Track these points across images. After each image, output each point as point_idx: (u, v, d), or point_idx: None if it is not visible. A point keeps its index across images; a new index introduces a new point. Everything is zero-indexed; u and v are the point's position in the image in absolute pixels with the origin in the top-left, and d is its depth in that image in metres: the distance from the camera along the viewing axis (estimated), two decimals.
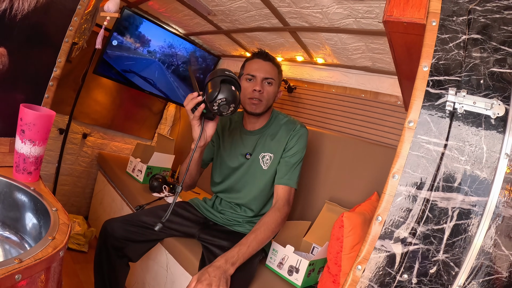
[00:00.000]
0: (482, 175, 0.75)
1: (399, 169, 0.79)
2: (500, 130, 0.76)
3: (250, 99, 1.85)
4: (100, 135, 3.37)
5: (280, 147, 1.89)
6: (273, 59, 1.89)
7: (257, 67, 1.85)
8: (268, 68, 1.85)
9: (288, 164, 1.84)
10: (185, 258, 1.80)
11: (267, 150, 1.91)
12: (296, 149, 1.86)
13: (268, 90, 1.85)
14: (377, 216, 0.79)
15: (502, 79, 0.78)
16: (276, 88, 1.90)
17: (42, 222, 1.09)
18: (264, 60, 1.86)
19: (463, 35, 0.83)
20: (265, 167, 1.90)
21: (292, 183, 1.81)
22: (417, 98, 0.81)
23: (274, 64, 1.88)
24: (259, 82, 1.83)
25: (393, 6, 0.91)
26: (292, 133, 1.89)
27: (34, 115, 1.17)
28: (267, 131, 1.95)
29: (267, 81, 1.85)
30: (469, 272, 0.74)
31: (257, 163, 1.91)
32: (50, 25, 1.37)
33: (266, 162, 1.90)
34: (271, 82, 1.85)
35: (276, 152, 1.89)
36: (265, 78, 1.84)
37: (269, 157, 1.89)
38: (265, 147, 1.92)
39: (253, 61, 1.89)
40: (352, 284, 0.80)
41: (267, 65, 1.86)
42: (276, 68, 1.89)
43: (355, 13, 1.74)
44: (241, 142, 1.97)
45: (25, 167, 1.23)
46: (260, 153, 1.91)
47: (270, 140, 1.92)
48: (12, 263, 0.76)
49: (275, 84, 1.87)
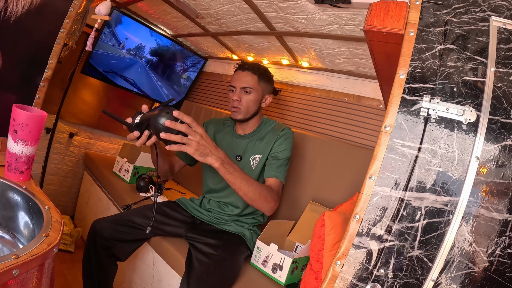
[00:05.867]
0: (453, 176, 0.80)
1: (376, 171, 0.83)
2: (471, 135, 0.81)
3: (232, 107, 2.02)
4: (86, 134, 3.36)
5: (267, 147, 2.00)
6: (253, 68, 2.02)
7: (236, 78, 2.02)
8: (245, 78, 1.99)
9: (276, 159, 1.94)
10: (171, 257, 1.83)
11: (256, 152, 2.02)
12: (284, 147, 1.97)
13: (246, 98, 1.99)
14: (355, 214, 0.83)
15: (474, 87, 0.84)
16: (257, 95, 2.01)
17: (35, 220, 1.11)
18: (242, 71, 2.02)
19: (439, 45, 0.88)
20: (254, 167, 2.00)
21: (281, 177, 1.90)
22: (393, 104, 0.85)
23: (254, 73, 2.00)
24: (237, 92, 2.00)
25: (373, 16, 0.95)
26: (280, 133, 2.01)
27: (27, 116, 1.19)
28: (257, 135, 2.08)
29: (245, 90, 1.99)
30: (442, 267, 0.79)
31: (247, 165, 2.01)
32: (43, 27, 1.38)
33: (255, 163, 2.00)
34: (249, 91, 1.99)
35: (263, 152, 2.00)
36: (242, 88, 1.99)
37: (258, 158, 2.00)
38: (254, 149, 2.03)
39: (235, 73, 2.06)
40: (332, 279, 0.84)
41: (244, 76, 2.00)
42: (256, 76, 2.01)
43: (339, 20, 1.79)
44: (233, 145, 2.09)
45: (17, 166, 1.24)
46: (251, 156, 2.02)
47: (259, 142, 2.04)
48: (10, 258, 0.78)
49: (254, 92, 2.00)
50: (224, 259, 1.67)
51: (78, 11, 1.47)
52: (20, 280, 0.81)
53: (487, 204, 0.79)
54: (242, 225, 2.04)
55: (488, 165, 0.80)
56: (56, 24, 1.42)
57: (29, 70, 1.41)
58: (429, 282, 0.79)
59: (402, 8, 0.93)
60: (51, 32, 1.41)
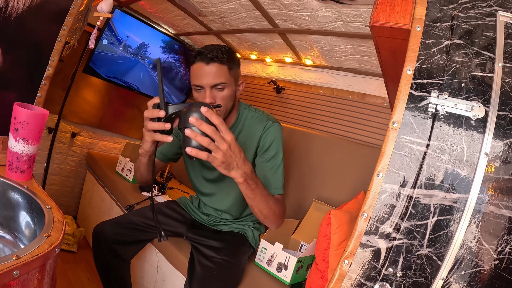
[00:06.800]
0: (462, 173, 0.79)
1: (384, 168, 0.82)
2: (480, 131, 0.79)
3: None
4: (89, 134, 3.36)
5: (251, 146, 1.72)
6: (220, 57, 1.55)
7: (201, 75, 1.56)
8: (214, 72, 1.55)
9: (267, 170, 1.68)
10: (175, 257, 1.83)
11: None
12: (273, 151, 1.70)
13: (221, 96, 1.58)
14: (363, 212, 0.82)
15: (482, 82, 0.82)
16: (232, 87, 1.62)
17: (36, 220, 1.09)
18: (207, 64, 1.54)
19: (446, 40, 0.86)
20: None
21: (278, 190, 1.65)
22: (401, 100, 0.84)
23: (222, 63, 1.56)
24: (208, 93, 1.55)
25: (379, 11, 0.94)
26: (264, 132, 1.72)
27: (27, 114, 1.17)
28: (236, 130, 1.77)
29: (217, 87, 1.57)
30: (451, 265, 0.78)
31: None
32: (44, 24, 1.37)
33: None
34: (222, 86, 1.57)
35: (247, 151, 1.71)
36: (213, 86, 1.56)
37: None
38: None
39: (196, 67, 1.58)
40: (340, 278, 0.83)
41: (212, 69, 1.55)
42: (226, 65, 1.57)
43: (343, 16, 1.78)
44: None
45: (18, 165, 1.23)
46: None
47: (239, 140, 1.72)
48: (10, 259, 0.77)
49: (229, 85, 1.60)
50: (227, 262, 1.65)
51: (79, 9, 1.46)
52: (21, 281, 0.80)
53: (496, 201, 0.77)
54: (242, 225, 1.97)
55: (497, 162, 0.78)
56: (58, 21, 1.41)
57: (31, 68, 1.40)
58: (439, 280, 0.78)
59: (408, 3, 0.92)
60: (53, 29, 1.40)
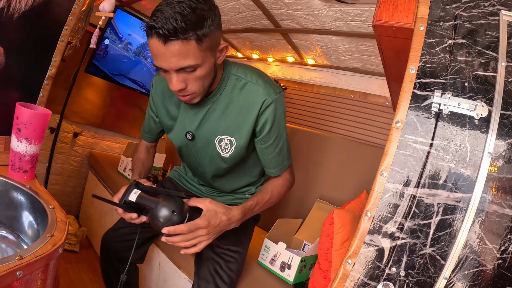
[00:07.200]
0: (466, 172, 0.79)
1: (387, 167, 0.82)
2: (483, 130, 0.80)
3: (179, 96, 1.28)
4: (91, 134, 3.36)
5: (244, 124, 1.39)
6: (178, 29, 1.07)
7: (160, 56, 1.13)
8: (177, 54, 1.11)
9: (269, 153, 1.45)
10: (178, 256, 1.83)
11: (225, 131, 1.42)
12: (275, 132, 1.42)
13: (193, 78, 1.20)
14: (366, 212, 0.82)
15: (485, 82, 0.82)
16: (207, 63, 1.21)
17: (39, 220, 1.09)
18: (164, 44, 1.09)
19: (449, 39, 0.86)
20: (226, 155, 1.46)
21: (286, 166, 1.49)
22: (404, 100, 0.84)
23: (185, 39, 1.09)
24: (174, 80, 1.18)
25: (382, 11, 0.94)
26: (262, 112, 1.36)
27: (30, 114, 1.18)
28: (218, 102, 1.40)
29: (186, 70, 1.17)
30: (455, 264, 0.78)
31: (211, 149, 1.47)
32: (46, 24, 1.37)
33: (225, 148, 1.44)
34: (193, 68, 1.17)
35: (237, 134, 1.41)
36: (179, 70, 1.16)
37: (228, 142, 1.43)
38: (219, 124, 1.41)
39: (152, 44, 1.13)
40: (343, 278, 0.83)
41: (172, 50, 1.10)
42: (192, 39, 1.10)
43: (345, 16, 1.78)
44: (184, 117, 1.46)
45: (21, 165, 1.23)
46: (215, 136, 1.43)
47: (225, 115, 1.40)
48: (13, 259, 0.77)
49: (202, 64, 1.18)
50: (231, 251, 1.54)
51: (82, 9, 1.46)
52: (24, 282, 0.80)
53: (499, 200, 0.77)
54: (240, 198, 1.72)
55: (500, 161, 0.78)
56: (60, 21, 1.41)
57: (33, 68, 1.40)
58: (442, 280, 0.78)
59: (411, 2, 0.92)
60: (55, 29, 1.41)
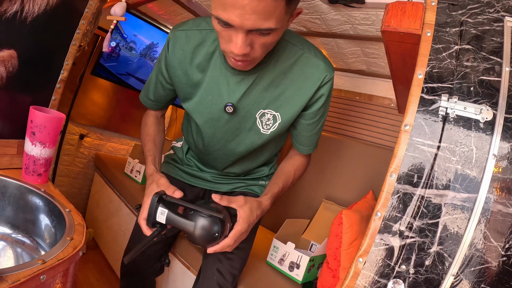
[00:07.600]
0: (472, 173, 0.82)
1: (396, 169, 0.85)
2: (489, 133, 0.82)
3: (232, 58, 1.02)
4: (97, 136, 3.37)
5: (294, 103, 1.21)
6: None
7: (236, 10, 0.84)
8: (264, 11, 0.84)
9: (309, 131, 1.32)
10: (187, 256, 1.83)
11: (270, 104, 1.21)
12: (324, 109, 1.30)
13: (261, 43, 0.96)
14: (377, 212, 0.85)
15: (490, 86, 0.85)
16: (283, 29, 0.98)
17: (55, 223, 1.08)
18: None
19: (455, 45, 0.89)
20: (266, 131, 1.26)
21: (311, 149, 1.40)
22: (412, 104, 0.87)
23: None
24: (240, 42, 0.91)
25: (390, 17, 0.97)
26: (321, 87, 1.22)
27: (45, 118, 1.18)
28: (267, 70, 1.16)
29: (262, 32, 0.91)
30: (461, 262, 0.80)
31: (249, 123, 1.26)
32: (59, 28, 1.38)
33: (266, 124, 1.25)
34: (270, 32, 0.92)
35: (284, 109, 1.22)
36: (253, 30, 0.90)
37: (271, 117, 1.23)
38: (266, 96, 1.20)
39: None
40: (354, 276, 0.86)
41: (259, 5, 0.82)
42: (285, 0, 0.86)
43: (352, 19, 1.80)
44: (215, 85, 1.21)
45: (35, 169, 1.23)
46: (258, 110, 1.22)
47: (272, 87, 1.19)
48: (36, 264, 0.77)
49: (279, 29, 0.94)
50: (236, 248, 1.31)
51: (92, 12, 1.48)
52: (47, 286, 0.80)
53: (504, 200, 0.80)
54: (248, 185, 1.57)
55: (504, 162, 0.81)
56: (72, 25, 1.42)
57: (45, 72, 1.41)
58: (449, 277, 0.81)
59: (418, 8, 0.95)
60: (67, 33, 1.41)
